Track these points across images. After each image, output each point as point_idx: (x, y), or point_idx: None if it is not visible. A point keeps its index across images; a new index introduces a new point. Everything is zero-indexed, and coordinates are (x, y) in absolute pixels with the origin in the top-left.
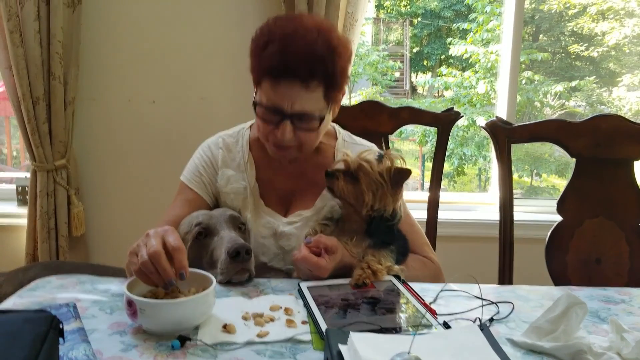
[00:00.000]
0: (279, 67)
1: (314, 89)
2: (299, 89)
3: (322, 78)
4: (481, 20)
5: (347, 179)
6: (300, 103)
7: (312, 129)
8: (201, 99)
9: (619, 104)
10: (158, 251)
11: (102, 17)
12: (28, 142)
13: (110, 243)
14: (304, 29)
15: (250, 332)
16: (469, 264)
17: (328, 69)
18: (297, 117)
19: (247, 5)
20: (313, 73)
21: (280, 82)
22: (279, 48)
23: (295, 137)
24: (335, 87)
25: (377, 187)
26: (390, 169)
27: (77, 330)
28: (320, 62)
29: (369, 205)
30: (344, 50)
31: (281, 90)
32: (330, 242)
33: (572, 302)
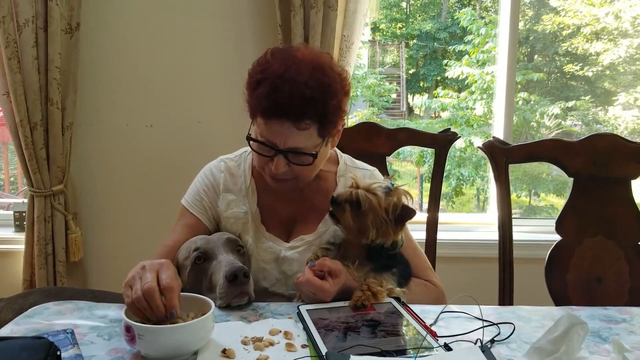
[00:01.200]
0: (269, 108)
1: (306, 128)
2: (290, 127)
3: (314, 117)
4: (477, 42)
5: (353, 211)
6: (292, 140)
7: (306, 163)
8: (198, 123)
9: (614, 122)
10: (152, 288)
11: (100, 43)
12: (25, 168)
13: (108, 268)
14: (296, 69)
15: (249, 357)
16: (468, 285)
17: (319, 109)
18: (290, 153)
19: (244, 30)
20: (303, 114)
21: (272, 121)
22: (269, 89)
23: (290, 171)
24: (329, 124)
25: (382, 224)
26: (396, 205)
27: (75, 357)
28: (311, 103)
29: (370, 240)
30: (338, 87)
31: (273, 128)
32: (334, 265)
33: (573, 322)
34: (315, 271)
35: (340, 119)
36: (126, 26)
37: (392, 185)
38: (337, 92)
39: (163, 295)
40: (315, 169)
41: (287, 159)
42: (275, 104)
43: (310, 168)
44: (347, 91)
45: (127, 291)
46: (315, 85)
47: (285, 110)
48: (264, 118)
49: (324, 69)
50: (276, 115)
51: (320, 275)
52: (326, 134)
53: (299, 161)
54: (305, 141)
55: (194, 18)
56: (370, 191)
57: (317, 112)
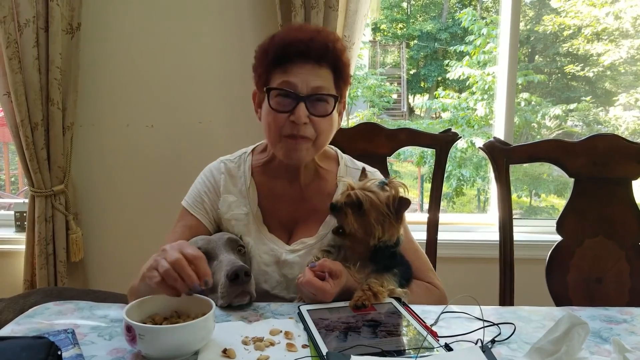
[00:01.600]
0: (289, 50)
1: (326, 69)
2: (312, 67)
3: (330, 61)
4: (478, 42)
5: (355, 213)
6: (314, 80)
7: (326, 112)
8: (199, 123)
9: (615, 123)
10: (180, 258)
11: (101, 44)
12: (26, 168)
13: (108, 268)
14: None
15: (250, 357)
16: (469, 285)
17: (335, 53)
18: (312, 98)
19: (244, 30)
20: (321, 54)
21: (292, 65)
22: (285, 36)
23: (309, 126)
24: (342, 77)
25: (385, 218)
26: (394, 198)
27: (76, 357)
28: (326, 46)
29: (377, 238)
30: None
31: (295, 70)
32: (335, 266)
33: (574, 322)
34: (315, 272)
35: (348, 83)
36: (127, 26)
37: (385, 180)
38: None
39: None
40: (331, 130)
41: (307, 109)
42: (294, 46)
43: (328, 123)
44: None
45: (152, 273)
46: (326, 36)
47: (305, 49)
48: (285, 64)
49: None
50: (297, 56)
51: (321, 276)
52: (339, 89)
53: (319, 110)
54: (326, 82)
55: (195, 18)
56: (367, 189)
57: (333, 56)
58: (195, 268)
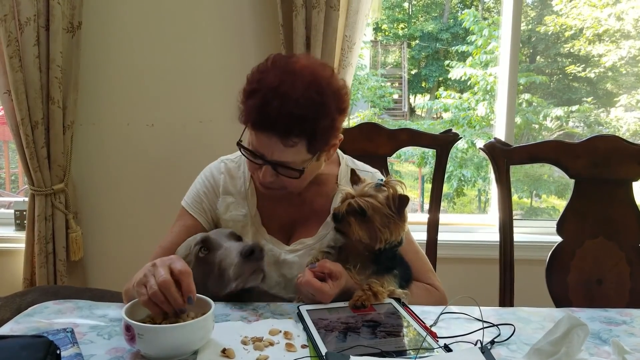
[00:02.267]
0: (258, 120)
1: (293, 145)
2: (277, 142)
3: (302, 135)
4: (479, 43)
5: (359, 221)
6: (279, 155)
7: (293, 176)
8: (199, 122)
9: (616, 124)
10: (167, 280)
11: (101, 42)
12: (26, 166)
13: (108, 267)
14: (291, 83)
15: (249, 357)
16: (469, 286)
17: (307, 127)
18: (277, 165)
19: (245, 30)
20: (290, 131)
21: (261, 133)
22: (260, 102)
23: (278, 180)
24: (319, 143)
25: (389, 220)
26: (394, 197)
27: (75, 356)
28: (299, 121)
29: (384, 241)
30: (333, 106)
31: (261, 140)
32: (335, 267)
33: (574, 323)
34: (315, 272)
35: (333, 137)
36: (128, 25)
37: (381, 180)
38: (331, 111)
39: (179, 283)
40: (304, 181)
41: (275, 170)
42: (263, 118)
43: (297, 180)
44: (344, 109)
45: (141, 289)
46: (306, 104)
47: (273, 125)
48: (253, 129)
49: (320, 85)
50: (264, 128)
51: (321, 277)
52: (316, 151)
53: (286, 173)
54: (292, 156)
55: (196, 17)
56: (366, 194)
57: (305, 130)
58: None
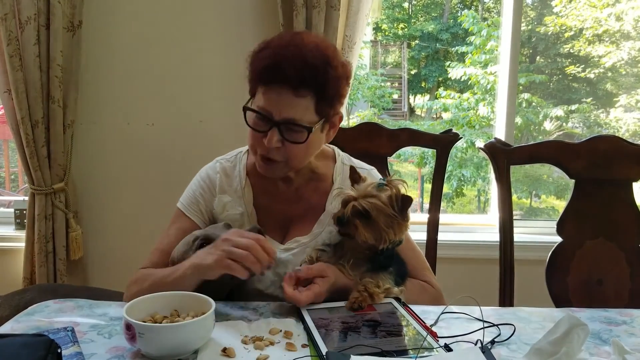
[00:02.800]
0: (269, 70)
1: (304, 96)
2: (288, 95)
3: (312, 87)
4: (478, 42)
5: (364, 223)
6: (288, 110)
7: (299, 140)
8: (200, 122)
9: (616, 125)
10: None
11: (102, 42)
12: (27, 166)
13: (108, 267)
14: (301, 41)
15: (249, 356)
16: (469, 286)
17: (319, 78)
18: (284, 125)
19: (246, 29)
20: (303, 80)
21: (271, 88)
22: (272, 52)
23: (282, 150)
24: (328, 100)
25: (392, 220)
26: (395, 197)
27: (76, 355)
28: (312, 70)
29: (387, 241)
30: (340, 66)
31: (271, 96)
32: (319, 268)
33: (574, 323)
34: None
35: (339, 102)
36: (128, 24)
37: (383, 180)
38: (338, 71)
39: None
40: (307, 152)
41: (281, 134)
42: (275, 67)
43: (302, 148)
44: (348, 78)
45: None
46: (318, 55)
47: (285, 73)
48: (263, 84)
49: (328, 47)
50: (275, 79)
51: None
52: (323, 112)
53: (292, 137)
54: (301, 112)
55: (196, 17)
56: (369, 195)
57: (316, 81)
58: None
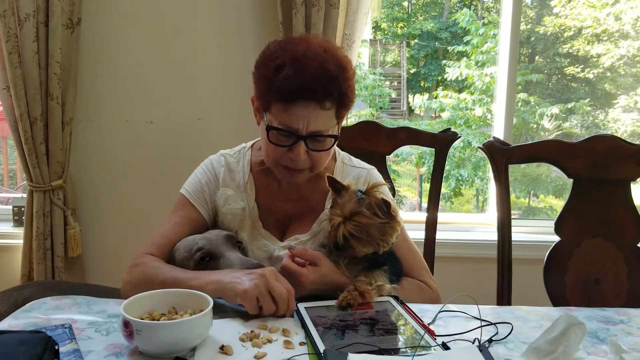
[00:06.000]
0: (296, 90)
1: (329, 108)
2: (315, 109)
3: (335, 98)
4: (475, 42)
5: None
6: (315, 124)
7: (325, 148)
8: (198, 119)
9: (614, 125)
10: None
11: (101, 39)
12: (25, 163)
13: (106, 264)
14: (313, 50)
15: (247, 354)
16: (467, 285)
17: (342, 87)
18: (311, 138)
19: (245, 27)
20: (329, 93)
21: (296, 104)
22: (293, 71)
23: (307, 159)
24: (346, 105)
25: (385, 226)
26: (377, 205)
27: (73, 352)
28: (335, 81)
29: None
30: (351, 69)
31: (296, 111)
32: (314, 255)
33: (571, 322)
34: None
35: (350, 102)
36: (127, 22)
37: (360, 193)
38: (350, 72)
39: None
40: (329, 156)
41: (306, 146)
42: (303, 85)
43: (325, 155)
44: (354, 74)
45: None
46: (335, 65)
47: (313, 90)
48: (287, 103)
49: (336, 50)
50: (302, 96)
51: (301, 264)
52: (341, 116)
53: (318, 147)
54: (326, 123)
55: (195, 14)
56: (354, 213)
57: (340, 90)
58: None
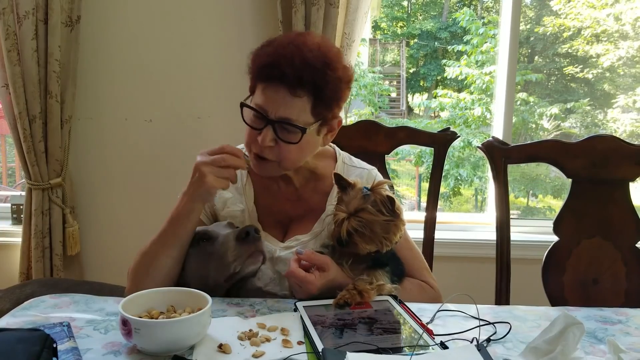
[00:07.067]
0: (268, 67)
1: (300, 96)
2: (285, 94)
3: (310, 88)
4: (475, 42)
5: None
6: (283, 109)
7: (293, 140)
8: (197, 118)
9: (613, 125)
10: (224, 147)
11: (100, 37)
12: (24, 161)
13: (105, 262)
14: (303, 41)
15: (245, 352)
16: (466, 284)
17: (317, 79)
18: (279, 124)
19: (244, 26)
20: (300, 80)
21: (269, 86)
22: (273, 50)
23: (275, 149)
24: (325, 103)
25: (388, 224)
26: (382, 202)
27: (71, 350)
28: (310, 70)
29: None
30: (340, 69)
31: (268, 94)
32: (323, 259)
33: (570, 322)
34: (301, 260)
35: (337, 106)
36: (127, 20)
37: (367, 189)
38: (338, 74)
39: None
40: (300, 154)
41: (275, 133)
42: (274, 65)
43: (295, 149)
44: (348, 82)
45: (207, 168)
46: (318, 55)
47: (283, 71)
48: (262, 82)
49: (330, 49)
50: (273, 77)
51: (307, 267)
52: (320, 115)
53: (286, 137)
54: (297, 112)
55: (195, 13)
56: (359, 209)
57: (314, 83)
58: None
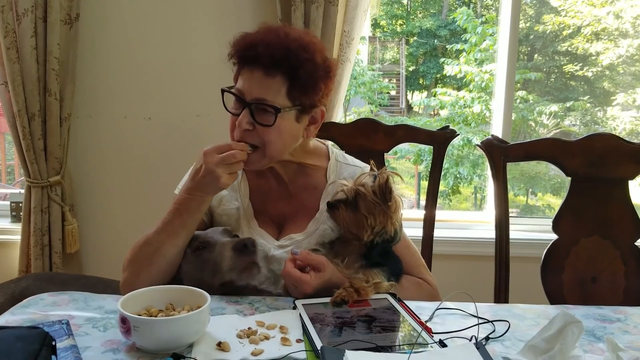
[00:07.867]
0: (244, 49)
1: (274, 76)
2: (259, 74)
3: (283, 68)
4: (474, 40)
5: (349, 209)
6: (258, 90)
7: (268, 122)
8: (197, 116)
9: (613, 123)
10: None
11: (99, 35)
12: (23, 158)
13: (104, 260)
14: (282, 29)
15: (244, 350)
16: (464, 282)
17: (291, 60)
18: (255, 105)
19: (244, 24)
20: (273, 59)
21: (246, 68)
22: (252, 36)
23: (255, 134)
24: (301, 86)
25: (374, 206)
26: (379, 184)
27: (70, 348)
28: (284, 50)
29: (369, 229)
30: (318, 55)
31: (245, 76)
32: (318, 259)
33: (568, 320)
34: (296, 260)
35: (314, 92)
36: (126, 18)
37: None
38: (316, 62)
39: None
40: (282, 140)
41: (252, 116)
42: (250, 47)
43: (274, 134)
44: (329, 71)
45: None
46: (295, 39)
47: (257, 52)
48: (241, 66)
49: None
50: (249, 59)
51: (302, 267)
52: (297, 100)
53: (262, 119)
54: (272, 95)
55: (194, 11)
56: (357, 183)
57: (288, 63)
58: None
